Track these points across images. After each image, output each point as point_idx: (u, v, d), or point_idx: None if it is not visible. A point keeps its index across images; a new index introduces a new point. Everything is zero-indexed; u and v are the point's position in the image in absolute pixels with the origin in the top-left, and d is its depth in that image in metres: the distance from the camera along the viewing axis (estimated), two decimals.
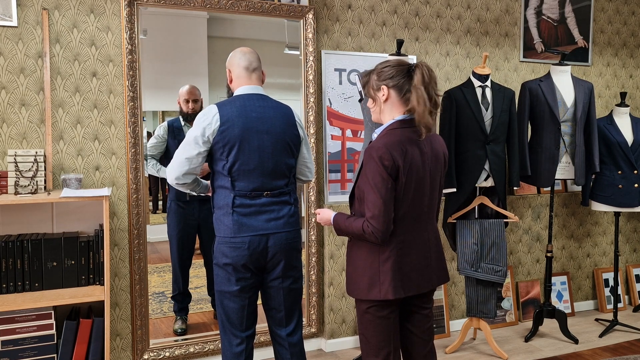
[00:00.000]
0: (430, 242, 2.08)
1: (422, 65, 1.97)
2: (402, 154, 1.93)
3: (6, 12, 2.72)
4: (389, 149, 1.92)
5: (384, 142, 1.94)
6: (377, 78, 2.04)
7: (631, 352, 3.49)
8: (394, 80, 2.00)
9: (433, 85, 1.98)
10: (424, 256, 2.05)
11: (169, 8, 2.98)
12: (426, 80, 1.95)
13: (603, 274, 4.33)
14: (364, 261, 2.03)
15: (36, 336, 2.61)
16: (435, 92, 1.98)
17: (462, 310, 3.89)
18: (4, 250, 2.57)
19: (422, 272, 2.05)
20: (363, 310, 2.06)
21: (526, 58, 4.05)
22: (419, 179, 1.98)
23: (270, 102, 2.36)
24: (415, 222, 2.02)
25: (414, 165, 1.96)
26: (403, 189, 1.95)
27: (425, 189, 2.02)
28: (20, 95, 2.77)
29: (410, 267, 2.02)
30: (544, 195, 4.12)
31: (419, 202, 2.01)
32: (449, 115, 3.32)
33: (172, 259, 3.15)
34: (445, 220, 3.49)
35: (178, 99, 3.09)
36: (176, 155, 2.27)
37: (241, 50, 2.40)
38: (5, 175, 2.63)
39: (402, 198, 1.96)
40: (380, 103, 2.05)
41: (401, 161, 1.92)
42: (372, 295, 2.00)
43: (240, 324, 2.33)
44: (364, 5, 3.52)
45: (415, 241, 2.03)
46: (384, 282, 1.98)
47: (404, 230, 2.00)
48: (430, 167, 2.02)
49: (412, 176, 1.96)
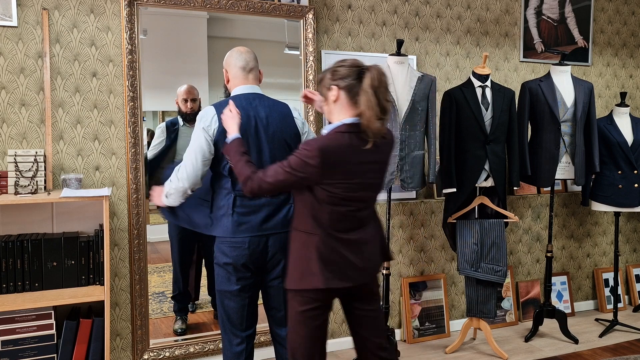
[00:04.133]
0: (366, 239, 2.06)
1: (374, 68, 1.94)
2: (334, 161, 1.91)
3: (6, 12, 2.72)
4: (322, 151, 1.89)
5: (320, 144, 1.91)
6: (331, 77, 2.01)
7: (631, 352, 3.49)
8: (345, 81, 1.97)
9: (382, 91, 1.93)
10: (358, 252, 2.04)
11: (169, 8, 2.98)
12: (375, 84, 1.91)
13: (603, 274, 4.33)
14: (298, 252, 2.04)
15: (36, 336, 2.61)
16: (384, 98, 1.94)
17: (462, 310, 3.89)
18: (4, 250, 2.57)
19: (357, 267, 2.03)
20: (296, 311, 2.06)
21: (526, 58, 4.05)
22: (353, 184, 1.96)
23: (267, 101, 2.36)
24: (348, 221, 2.01)
25: (348, 172, 1.94)
26: (332, 191, 1.94)
27: (361, 192, 2.00)
28: (20, 95, 2.77)
29: (344, 262, 2.01)
30: (544, 195, 4.12)
31: (353, 202, 1.99)
32: (449, 115, 3.32)
33: (173, 259, 3.15)
34: (445, 220, 3.49)
35: (176, 99, 3.09)
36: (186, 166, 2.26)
37: (238, 50, 2.39)
38: (5, 175, 2.63)
39: (331, 197, 1.95)
40: (330, 103, 2.03)
41: (330, 166, 1.90)
42: (304, 284, 2.00)
43: (241, 323, 2.34)
44: (364, 5, 3.52)
45: (349, 238, 2.02)
46: (314, 272, 1.98)
47: (335, 226, 1.99)
48: (372, 171, 2.01)
49: (343, 181, 1.94)
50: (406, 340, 3.62)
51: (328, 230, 1.99)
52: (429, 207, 3.77)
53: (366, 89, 1.91)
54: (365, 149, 1.96)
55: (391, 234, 3.64)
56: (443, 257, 3.83)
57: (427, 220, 3.77)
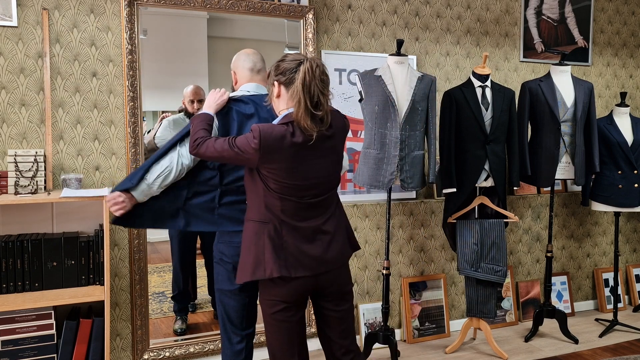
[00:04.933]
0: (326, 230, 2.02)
1: (308, 61, 1.91)
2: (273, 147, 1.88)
3: (6, 12, 2.72)
4: (262, 135, 1.87)
5: (262, 129, 1.88)
6: (274, 72, 1.99)
7: (631, 352, 3.49)
8: (284, 76, 1.95)
9: (317, 83, 1.89)
10: (316, 240, 2.00)
11: (169, 8, 2.98)
12: (307, 78, 1.87)
13: (603, 274, 4.33)
14: (250, 242, 2.00)
15: (36, 336, 2.61)
16: (319, 92, 1.90)
17: (462, 310, 3.89)
18: (4, 250, 2.57)
19: (315, 257, 1.99)
20: (267, 315, 2.04)
21: (526, 58, 4.05)
22: (297, 171, 1.93)
23: None
24: (302, 210, 1.98)
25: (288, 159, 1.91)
26: (277, 179, 1.92)
27: (308, 180, 1.96)
28: (20, 95, 2.77)
29: (298, 250, 1.97)
30: (544, 195, 4.12)
31: (303, 191, 1.96)
32: (449, 115, 3.32)
33: (173, 259, 3.15)
34: (445, 220, 3.49)
35: (183, 99, 3.11)
36: None
37: (245, 52, 2.41)
38: (5, 175, 2.63)
39: (278, 185, 1.93)
40: (274, 98, 2.02)
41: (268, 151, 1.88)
42: (257, 274, 1.95)
43: (240, 322, 2.34)
44: (364, 5, 3.52)
45: (303, 226, 1.98)
46: (267, 260, 1.94)
47: (288, 215, 1.96)
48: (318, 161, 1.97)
49: (284, 167, 1.91)
50: (406, 340, 3.62)
51: (281, 218, 1.96)
52: (429, 207, 3.77)
53: (296, 85, 1.88)
54: (305, 140, 1.92)
55: (391, 234, 3.64)
56: (443, 257, 3.83)
57: (427, 220, 3.77)
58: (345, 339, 2.15)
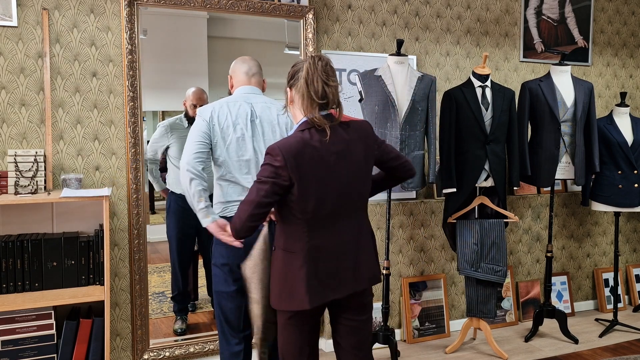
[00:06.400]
0: (348, 244, 1.94)
1: (310, 57, 1.89)
2: (297, 155, 1.81)
3: (6, 12, 2.72)
4: (282, 150, 1.81)
5: (279, 145, 1.83)
6: (287, 81, 1.98)
7: (631, 352, 3.49)
8: (292, 78, 1.94)
9: (320, 74, 1.85)
10: (339, 259, 1.92)
11: (169, 8, 2.98)
12: (310, 71, 1.84)
13: (603, 274, 4.33)
14: (279, 271, 1.92)
15: (36, 336, 2.61)
16: (323, 82, 1.85)
17: (462, 310, 3.89)
18: (4, 250, 2.57)
19: (339, 276, 1.91)
20: (282, 321, 1.98)
21: (526, 58, 4.04)
22: (321, 180, 1.85)
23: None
24: (326, 225, 1.89)
25: (312, 168, 1.83)
26: (300, 192, 1.83)
27: (333, 190, 1.88)
28: (20, 95, 2.77)
29: (325, 273, 1.89)
30: (544, 195, 4.12)
31: (328, 204, 1.87)
32: (449, 115, 3.32)
33: (172, 259, 3.15)
34: (445, 220, 3.49)
35: (184, 101, 3.10)
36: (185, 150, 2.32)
37: (242, 59, 2.51)
38: (5, 175, 2.63)
39: (302, 201, 1.84)
40: (289, 106, 2.00)
41: (293, 163, 1.80)
42: (287, 305, 1.90)
43: (238, 324, 2.34)
44: (364, 5, 3.52)
45: (328, 244, 1.90)
46: (299, 291, 1.87)
47: (314, 235, 1.88)
48: (341, 165, 1.88)
49: (309, 178, 1.83)
50: (406, 340, 3.62)
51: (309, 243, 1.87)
52: (429, 207, 3.77)
53: (299, 80, 1.88)
54: (327, 140, 1.85)
55: (391, 234, 3.64)
56: (443, 257, 3.83)
57: (427, 220, 3.77)
58: (360, 350, 2.05)
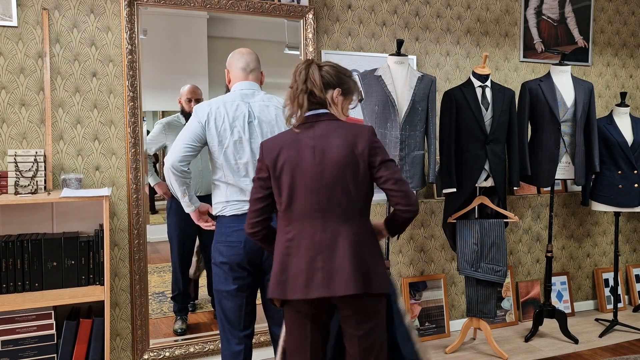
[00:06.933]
0: (323, 247, 1.84)
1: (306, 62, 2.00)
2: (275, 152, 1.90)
3: (6, 12, 2.72)
4: (263, 144, 1.94)
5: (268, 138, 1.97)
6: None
7: (631, 352, 3.49)
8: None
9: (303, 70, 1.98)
10: (314, 259, 1.83)
11: (169, 8, 2.98)
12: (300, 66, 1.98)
13: (603, 274, 4.33)
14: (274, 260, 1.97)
15: (36, 336, 2.61)
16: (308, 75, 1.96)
17: (462, 310, 3.89)
18: (4, 250, 2.57)
19: (308, 276, 1.82)
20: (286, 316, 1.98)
21: (526, 58, 4.04)
22: (292, 172, 1.86)
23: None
24: (307, 221, 1.86)
25: (293, 163, 1.86)
26: (275, 182, 1.89)
27: (319, 187, 1.85)
28: (20, 95, 2.77)
29: (297, 268, 1.84)
30: (544, 195, 4.12)
31: (300, 197, 1.86)
32: (449, 116, 3.32)
33: (172, 259, 3.15)
34: (445, 220, 3.49)
35: (179, 98, 3.09)
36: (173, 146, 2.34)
37: (239, 52, 2.43)
38: (5, 175, 2.63)
39: (277, 190, 1.89)
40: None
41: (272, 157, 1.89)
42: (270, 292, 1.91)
43: (239, 323, 2.34)
44: (364, 5, 3.52)
45: (303, 241, 1.85)
46: (272, 280, 1.90)
47: (289, 229, 1.88)
48: (328, 163, 1.85)
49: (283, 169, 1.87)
50: None
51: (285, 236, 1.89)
52: (429, 207, 3.77)
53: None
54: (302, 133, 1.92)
55: None
56: (443, 257, 3.83)
57: (427, 220, 3.77)
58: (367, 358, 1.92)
